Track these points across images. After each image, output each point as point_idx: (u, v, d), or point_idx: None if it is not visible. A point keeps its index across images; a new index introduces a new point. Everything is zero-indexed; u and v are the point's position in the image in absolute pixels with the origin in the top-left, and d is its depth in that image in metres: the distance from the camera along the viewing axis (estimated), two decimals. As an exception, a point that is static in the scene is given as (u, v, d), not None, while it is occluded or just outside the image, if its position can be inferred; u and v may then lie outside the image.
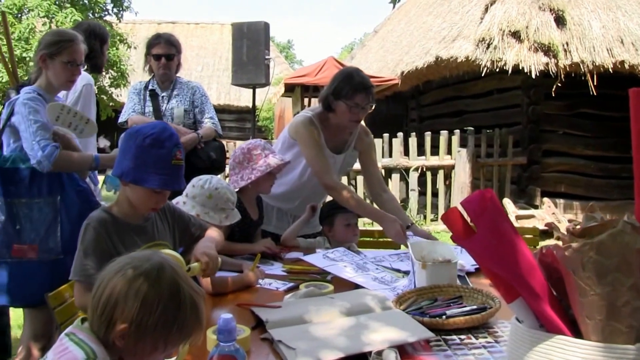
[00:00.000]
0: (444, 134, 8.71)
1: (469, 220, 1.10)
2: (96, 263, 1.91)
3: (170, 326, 1.19)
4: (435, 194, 8.84)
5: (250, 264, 2.44)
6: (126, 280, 1.20)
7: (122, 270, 1.22)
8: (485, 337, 1.70)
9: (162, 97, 3.92)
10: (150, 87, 3.94)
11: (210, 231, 2.28)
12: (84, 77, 3.27)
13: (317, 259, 2.53)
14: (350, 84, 2.91)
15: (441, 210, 8.77)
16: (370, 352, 1.50)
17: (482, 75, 8.18)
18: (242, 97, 18.56)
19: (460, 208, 1.17)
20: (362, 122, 3.19)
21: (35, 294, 2.50)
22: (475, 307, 1.85)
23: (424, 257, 2.21)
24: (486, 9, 8.56)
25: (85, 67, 3.32)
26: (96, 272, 1.90)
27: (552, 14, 8.10)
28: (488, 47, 7.90)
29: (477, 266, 2.56)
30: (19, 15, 10.58)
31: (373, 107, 3.02)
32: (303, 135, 3.02)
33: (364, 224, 7.83)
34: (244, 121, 18.61)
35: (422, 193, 8.83)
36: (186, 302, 1.23)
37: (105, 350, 1.17)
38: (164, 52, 3.86)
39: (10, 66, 3.14)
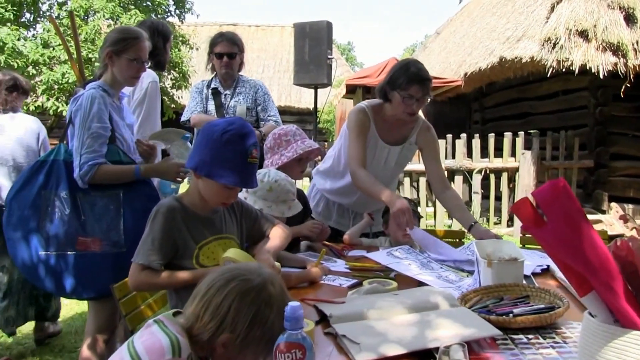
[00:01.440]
0: (507, 135, 8.53)
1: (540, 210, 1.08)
2: (161, 249, 1.97)
3: (275, 340, 1.21)
4: (498, 197, 8.65)
5: (313, 260, 2.46)
6: (239, 292, 1.23)
7: (235, 281, 1.25)
8: (553, 338, 1.67)
9: (225, 95, 3.99)
10: (212, 86, 4.01)
11: (275, 231, 2.31)
12: (150, 75, 3.35)
13: (381, 256, 2.53)
14: (405, 74, 2.89)
15: (504, 214, 8.58)
16: (436, 349, 1.49)
17: (548, 76, 7.96)
18: (302, 99, 18.70)
19: (531, 199, 1.15)
20: (424, 117, 3.17)
21: (98, 286, 2.60)
22: (543, 306, 1.81)
23: (489, 255, 2.19)
24: (552, 8, 8.32)
25: (149, 64, 3.41)
26: (159, 258, 1.96)
27: (621, 12, 7.79)
28: (554, 47, 7.68)
29: (543, 267, 2.51)
30: (86, 17, 10.95)
31: (428, 100, 2.98)
32: (351, 122, 3.05)
33: (426, 225, 7.78)
34: (304, 123, 18.71)
35: (485, 196, 8.67)
36: None
37: (192, 346, 1.20)
38: (227, 50, 3.93)
39: (78, 65, 3.25)
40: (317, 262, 2.40)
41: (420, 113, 3.22)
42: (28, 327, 4.37)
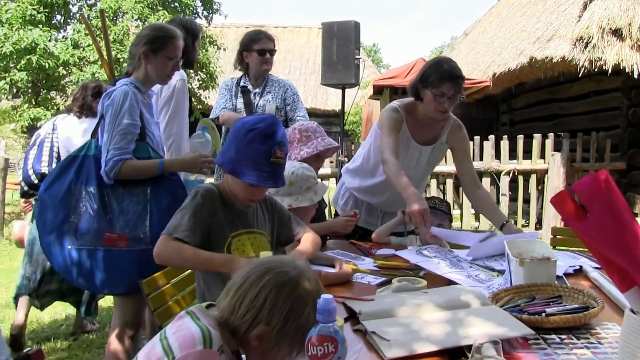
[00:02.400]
0: (537, 137, 8.41)
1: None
2: (193, 227, 1.97)
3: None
4: (526, 200, 8.53)
5: (341, 259, 2.44)
6: (275, 284, 1.23)
7: (271, 273, 1.24)
8: (588, 338, 1.62)
9: (255, 93, 4.00)
10: (242, 84, 4.03)
11: (307, 236, 2.29)
12: (178, 73, 3.36)
13: (411, 254, 2.50)
14: (437, 71, 2.85)
15: (533, 216, 8.47)
16: (467, 347, 1.46)
17: (579, 76, 7.84)
18: (329, 101, 18.70)
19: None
20: (455, 117, 3.13)
21: (124, 282, 2.62)
22: (576, 306, 1.77)
23: (520, 254, 2.14)
24: (585, 6, 8.19)
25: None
26: (190, 234, 1.94)
27: (657, 10, 7.64)
28: (586, 47, 7.56)
29: (576, 267, 2.46)
30: (114, 18, 11.09)
31: (460, 99, 2.94)
32: (383, 120, 3.01)
33: (451, 227, 7.70)
34: (330, 125, 18.70)
35: (513, 199, 8.55)
36: None
37: (224, 338, 1.20)
38: (269, 47, 3.96)
39: (108, 64, 3.28)
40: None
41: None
42: (59, 320, 4.45)
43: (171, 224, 2.00)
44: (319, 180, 2.59)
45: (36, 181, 3.77)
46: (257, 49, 3.96)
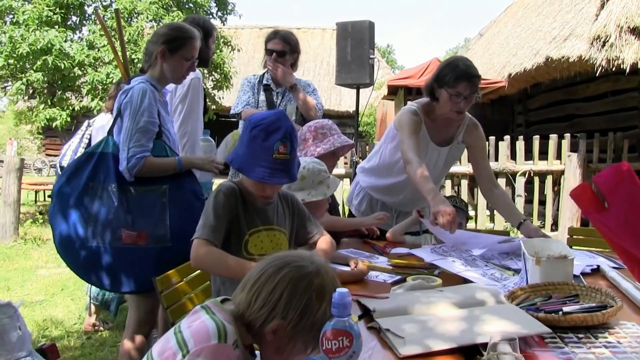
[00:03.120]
0: (553, 137, 8.32)
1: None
2: (220, 226, 1.97)
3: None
4: (542, 202, 8.44)
5: (356, 257, 2.43)
6: (292, 279, 1.21)
7: (288, 267, 1.23)
8: (606, 337, 1.59)
9: (277, 92, 3.99)
10: (264, 82, 4.03)
11: (324, 239, 2.28)
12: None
13: (425, 252, 2.49)
14: (453, 71, 2.82)
15: (549, 218, 8.38)
16: (484, 345, 1.43)
17: (596, 75, 7.74)
18: (342, 102, 18.70)
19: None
20: (470, 116, 3.11)
21: (142, 280, 2.60)
22: (594, 305, 1.74)
23: (537, 253, 2.11)
24: (602, 5, 8.07)
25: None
26: (219, 235, 1.95)
27: (678, 8, 7.52)
28: (603, 46, 7.45)
29: (593, 267, 2.42)
30: (129, 19, 11.16)
31: (477, 99, 2.91)
32: (402, 122, 2.98)
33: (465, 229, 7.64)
34: (344, 126, 18.68)
35: (528, 200, 8.46)
36: None
37: (238, 333, 1.19)
38: (277, 48, 3.93)
39: (122, 62, 3.28)
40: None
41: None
42: (72, 319, 4.47)
43: (202, 226, 2.00)
44: (331, 175, 2.57)
45: None
46: (267, 48, 3.97)
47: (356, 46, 5.92)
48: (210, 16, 12.53)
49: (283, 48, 3.94)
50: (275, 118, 2.01)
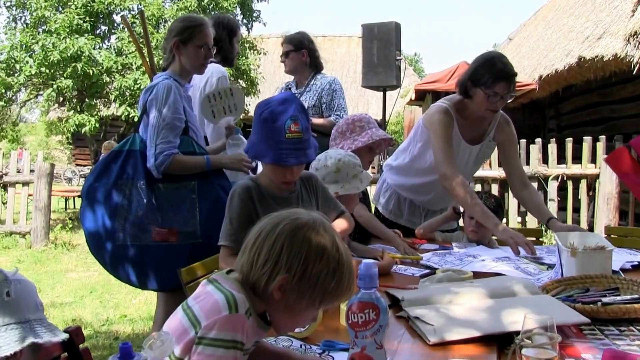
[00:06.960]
0: (587, 139, 8.07)
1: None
2: (241, 229, 1.92)
3: (330, 281, 1.16)
4: (576, 209, 8.11)
5: (380, 250, 2.37)
6: (291, 230, 1.18)
7: (284, 221, 1.20)
8: (650, 330, 1.50)
9: (296, 94, 3.98)
10: (289, 85, 4.07)
11: (337, 222, 2.21)
12: (219, 70, 3.32)
13: (455, 256, 2.44)
14: (490, 71, 2.73)
15: (584, 225, 8.07)
16: (515, 333, 1.33)
17: (633, 74, 7.50)
18: (369, 109, 18.59)
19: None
20: (502, 111, 3.01)
21: (171, 278, 2.55)
22: (637, 296, 1.64)
23: (572, 244, 2.02)
24: (639, 1, 7.84)
25: (218, 60, 3.39)
26: (240, 238, 1.91)
27: None
28: (641, 42, 7.23)
29: (634, 263, 2.31)
30: (157, 26, 11.28)
31: (511, 97, 2.84)
32: (434, 123, 2.90)
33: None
34: (372, 133, 18.57)
35: (562, 208, 8.18)
36: (344, 258, 1.19)
37: (249, 301, 1.15)
38: (282, 52, 4.06)
39: (148, 61, 3.27)
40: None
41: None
42: (101, 320, 4.48)
43: (224, 232, 1.99)
44: (364, 170, 2.51)
45: None
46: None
47: (382, 48, 5.88)
48: (236, 24, 12.64)
49: (286, 49, 4.01)
50: (283, 98, 1.95)
